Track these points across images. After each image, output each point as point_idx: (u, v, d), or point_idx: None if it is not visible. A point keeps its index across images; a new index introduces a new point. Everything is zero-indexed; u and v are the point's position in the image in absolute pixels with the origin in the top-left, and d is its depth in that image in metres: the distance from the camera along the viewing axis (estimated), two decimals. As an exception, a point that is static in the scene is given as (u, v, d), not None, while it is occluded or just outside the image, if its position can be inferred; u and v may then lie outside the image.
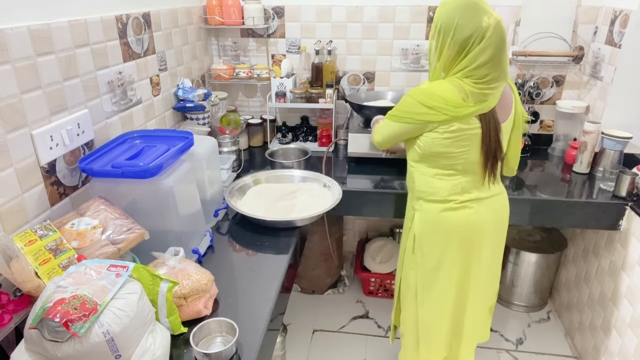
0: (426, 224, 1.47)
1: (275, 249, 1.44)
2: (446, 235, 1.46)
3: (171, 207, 1.25)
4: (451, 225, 1.44)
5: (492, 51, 1.26)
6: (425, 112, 1.33)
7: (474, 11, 1.27)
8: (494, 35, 1.26)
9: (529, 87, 2.16)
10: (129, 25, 1.53)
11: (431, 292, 1.53)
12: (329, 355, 2.18)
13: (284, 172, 1.86)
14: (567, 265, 2.32)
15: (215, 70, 2.26)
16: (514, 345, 2.24)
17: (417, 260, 1.51)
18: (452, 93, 1.29)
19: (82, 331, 0.80)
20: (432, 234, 1.47)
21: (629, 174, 1.73)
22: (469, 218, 1.43)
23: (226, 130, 1.98)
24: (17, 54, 1.06)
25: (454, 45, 1.29)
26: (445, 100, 1.30)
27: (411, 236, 1.52)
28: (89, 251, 1.05)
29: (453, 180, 1.41)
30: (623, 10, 1.87)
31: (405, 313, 1.64)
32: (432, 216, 1.46)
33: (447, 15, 1.29)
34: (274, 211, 1.60)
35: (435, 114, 1.31)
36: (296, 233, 1.52)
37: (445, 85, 1.31)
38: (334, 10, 2.23)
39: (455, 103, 1.29)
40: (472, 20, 1.26)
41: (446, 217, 1.44)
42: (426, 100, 1.32)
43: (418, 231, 1.49)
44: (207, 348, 1.04)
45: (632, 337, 1.68)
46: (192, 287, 1.09)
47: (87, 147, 1.35)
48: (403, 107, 1.40)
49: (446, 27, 1.29)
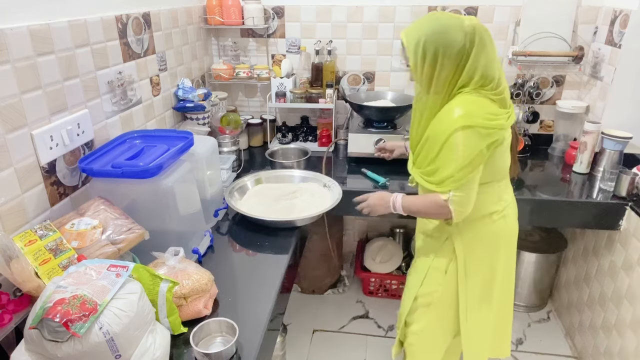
0: (472, 246, 1.39)
1: (275, 249, 1.44)
2: (495, 250, 1.40)
3: (171, 207, 1.25)
4: (497, 238, 1.39)
5: (488, 49, 1.19)
6: (493, 131, 1.19)
7: (450, 19, 1.19)
8: (482, 32, 1.18)
9: (529, 87, 2.16)
10: (129, 25, 1.53)
11: (480, 309, 1.46)
12: (329, 355, 2.18)
13: (284, 172, 1.86)
14: (567, 265, 2.32)
15: (215, 70, 2.26)
16: (514, 345, 2.24)
17: (460, 280, 1.42)
18: (487, 104, 1.20)
19: (82, 331, 0.80)
20: (480, 253, 1.40)
21: (629, 174, 1.73)
22: (511, 226, 1.42)
23: (226, 130, 1.98)
24: (17, 54, 1.06)
25: (449, 63, 1.19)
26: (493, 111, 1.20)
27: (444, 262, 1.43)
28: (89, 251, 1.05)
29: (492, 189, 1.33)
30: (623, 10, 1.87)
31: (419, 325, 1.56)
32: (476, 236, 1.38)
33: (430, 36, 1.18)
34: (274, 211, 1.60)
35: (501, 123, 1.20)
36: (296, 233, 1.52)
37: (475, 99, 1.20)
38: (334, 10, 2.23)
39: (499, 110, 1.21)
40: (456, 28, 1.17)
41: (494, 230, 1.38)
42: (485, 122, 1.17)
43: (461, 255, 1.40)
44: (207, 348, 1.04)
45: (632, 337, 1.68)
46: (192, 287, 1.09)
47: (87, 147, 1.35)
48: (469, 153, 1.18)
49: (434, 49, 1.18)
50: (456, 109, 1.19)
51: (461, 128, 1.17)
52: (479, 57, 1.18)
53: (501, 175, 1.35)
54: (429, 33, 1.18)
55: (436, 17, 1.22)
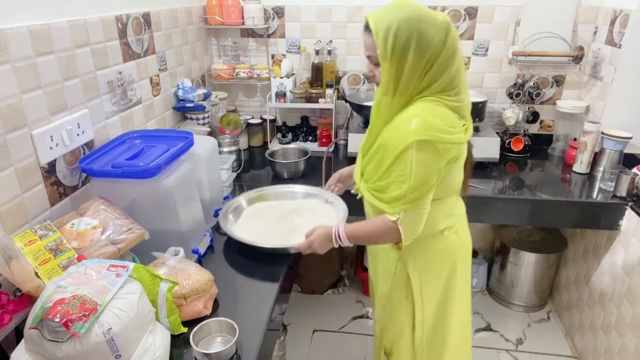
0: (426, 266, 1.29)
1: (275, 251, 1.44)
2: (450, 267, 1.30)
3: (171, 207, 1.25)
4: (452, 254, 1.30)
5: (458, 53, 1.07)
6: (451, 146, 1.08)
7: (423, 8, 1.05)
8: (454, 34, 1.06)
9: (529, 87, 2.16)
10: (129, 25, 1.53)
11: (435, 339, 1.38)
12: (329, 355, 2.18)
13: (283, 189, 1.72)
14: (567, 265, 2.32)
15: (215, 70, 2.26)
16: (514, 345, 2.24)
17: (417, 304, 1.32)
18: (447, 114, 1.09)
19: (82, 331, 0.80)
20: (436, 273, 1.30)
21: (629, 174, 1.73)
22: (464, 241, 1.33)
23: (226, 130, 1.98)
24: (17, 54, 1.06)
25: (419, 58, 1.04)
26: (452, 122, 1.09)
27: (401, 283, 1.33)
28: (89, 251, 1.05)
29: (444, 205, 1.23)
30: (623, 10, 1.87)
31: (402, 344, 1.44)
32: (429, 255, 1.28)
33: (403, 22, 1.02)
34: (275, 234, 1.46)
35: (460, 137, 1.09)
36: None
37: (434, 108, 1.08)
38: (334, 10, 2.23)
39: (457, 122, 1.11)
40: (430, 21, 1.03)
41: (447, 247, 1.28)
42: (443, 135, 1.06)
43: (415, 277, 1.30)
44: (207, 348, 1.04)
45: (632, 337, 1.68)
46: (192, 287, 1.09)
47: (87, 147, 1.35)
48: (424, 172, 1.07)
49: (406, 39, 1.02)
50: (414, 119, 1.05)
51: (417, 143, 1.04)
52: (448, 60, 1.06)
53: (454, 191, 1.25)
54: (402, 19, 1.02)
55: (407, 4, 1.06)
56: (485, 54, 2.24)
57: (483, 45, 2.22)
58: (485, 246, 2.67)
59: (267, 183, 1.93)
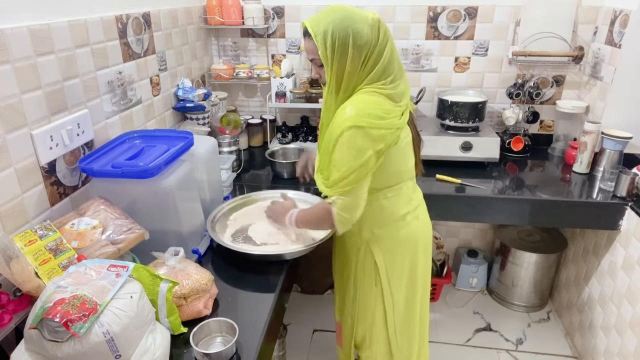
0: (390, 252, 1.35)
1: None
2: (415, 252, 1.38)
3: (171, 207, 1.25)
4: (415, 238, 1.36)
5: (391, 43, 1.17)
6: (387, 132, 1.14)
7: (354, 9, 1.15)
8: (385, 27, 1.16)
9: (529, 87, 2.15)
10: (129, 25, 1.53)
11: (408, 314, 1.44)
12: (329, 355, 2.18)
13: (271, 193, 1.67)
14: (567, 265, 2.32)
15: (215, 70, 2.26)
16: (514, 345, 2.24)
17: (385, 291, 1.39)
18: (381, 101, 1.16)
19: (82, 331, 0.80)
20: (401, 258, 1.37)
21: (629, 174, 1.73)
22: (425, 226, 1.40)
23: (226, 130, 1.98)
24: (17, 54, 1.06)
25: (357, 55, 1.13)
26: (386, 108, 1.16)
27: (368, 272, 1.39)
28: (89, 251, 1.05)
29: (401, 191, 1.31)
30: (623, 10, 1.87)
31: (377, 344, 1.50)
32: (394, 241, 1.34)
33: (338, 23, 1.11)
34: (267, 234, 1.44)
35: (393, 122, 1.16)
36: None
37: (368, 98, 1.15)
38: (334, 10, 2.23)
39: (392, 108, 1.17)
40: (362, 20, 1.13)
41: (410, 232, 1.35)
42: (376, 121, 1.12)
43: (381, 263, 1.36)
44: (207, 348, 1.04)
45: (632, 337, 1.68)
46: (192, 287, 1.09)
47: (87, 147, 1.35)
48: (358, 155, 1.12)
49: (343, 38, 1.11)
50: (348, 107, 1.13)
51: (349, 128, 1.11)
52: (382, 52, 1.15)
53: (407, 175, 1.32)
54: (336, 21, 1.12)
55: (339, 7, 1.15)
56: (485, 54, 2.24)
57: (483, 45, 2.22)
58: (485, 246, 2.66)
59: (267, 183, 1.93)
